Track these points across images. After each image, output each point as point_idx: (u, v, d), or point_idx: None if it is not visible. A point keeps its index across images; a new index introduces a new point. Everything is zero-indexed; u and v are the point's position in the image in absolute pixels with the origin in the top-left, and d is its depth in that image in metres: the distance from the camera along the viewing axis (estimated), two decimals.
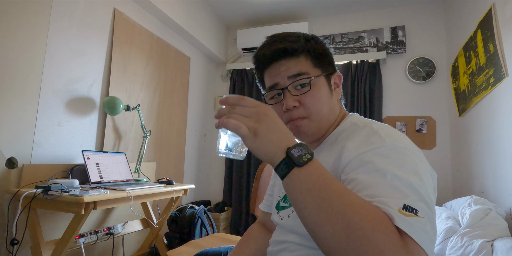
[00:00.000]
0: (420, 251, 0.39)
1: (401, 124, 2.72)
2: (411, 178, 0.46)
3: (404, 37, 2.78)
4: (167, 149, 2.51)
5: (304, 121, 0.65)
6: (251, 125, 0.45)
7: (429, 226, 0.42)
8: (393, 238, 0.38)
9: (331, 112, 0.67)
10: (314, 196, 0.42)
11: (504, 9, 1.65)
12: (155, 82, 2.39)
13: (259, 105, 0.47)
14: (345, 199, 0.41)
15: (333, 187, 0.42)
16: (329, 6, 2.91)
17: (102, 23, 1.90)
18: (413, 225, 0.40)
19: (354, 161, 0.52)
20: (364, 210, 0.40)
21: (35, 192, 1.24)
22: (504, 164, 1.67)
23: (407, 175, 0.46)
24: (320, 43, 0.69)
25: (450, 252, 1.31)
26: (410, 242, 0.39)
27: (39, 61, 1.51)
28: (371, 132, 0.56)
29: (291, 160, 0.43)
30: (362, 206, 0.40)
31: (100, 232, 1.68)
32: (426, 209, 0.43)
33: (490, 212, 1.44)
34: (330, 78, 0.68)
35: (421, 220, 0.41)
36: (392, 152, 0.50)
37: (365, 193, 0.45)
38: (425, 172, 0.50)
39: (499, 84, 1.69)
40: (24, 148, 1.45)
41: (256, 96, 3.10)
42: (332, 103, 0.67)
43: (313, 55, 0.66)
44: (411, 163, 0.49)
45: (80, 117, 1.75)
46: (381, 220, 0.39)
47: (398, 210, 0.41)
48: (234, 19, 3.22)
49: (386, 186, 0.45)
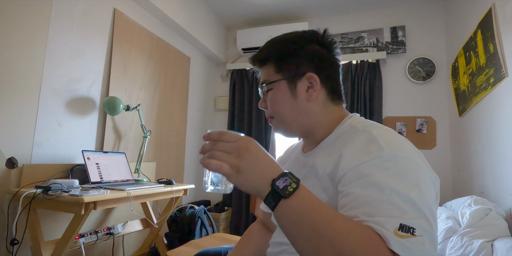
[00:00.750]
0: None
1: (401, 124, 2.72)
2: (410, 192, 0.45)
3: (404, 37, 2.78)
4: (167, 149, 2.51)
5: (273, 121, 0.69)
6: (233, 162, 0.45)
7: (427, 243, 0.41)
8: None
9: (299, 115, 0.65)
10: (303, 228, 0.42)
11: (504, 9, 1.65)
12: (155, 82, 2.39)
13: (239, 139, 0.47)
14: (335, 227, 0.41)
15: (321, 215, 0.42)
16: (329, 6, 2.91)
17: (102, 23, 1.90)
18: (409, 247, 0.39)
19: (351, 172, 0.51)
20: (355, 237, 0.40)
21: (35, 192, 1.24)
22: (504, 164, 1.67)
23: (406, 189, 0.45)
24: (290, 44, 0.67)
25: (450, 252, 1.31)
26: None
27: (39, 61, 1.51)
28: (370, 139, 0.54)
29: (277, 192, 0.43)
30: (352, 233, 0.40)
31: (100, 232, 1.68)
32: (425, 225, 0.42)
33: (490, 212, 1.44)
34: (297, 81, 0.65)
35: (418, 240, 0.41)
36: (391, 163, 0.49)
37: (361, 210, 0.44)
38: (426, 181, 0.49)
39: (499, 84, 1.69)
40: (24, 148, 1.45)
41: (256, 96, 3.10)
42: (298, 106, 0.65)
43: (276, 61, 0.67)
44: (411, 174, 0.48)
45: (80, 117, 1.75)
46: (372, 246, 0.39)
47: (394, 232, 0.40)
48: (234, 19, 3.22)
49: (383, 202, 0.44)
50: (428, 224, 0.43)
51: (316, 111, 0.66)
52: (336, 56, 0.69)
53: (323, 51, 0.67)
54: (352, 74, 2.84)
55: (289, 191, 0.43)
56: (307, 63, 0.65)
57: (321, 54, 0.66)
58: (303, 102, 0.65)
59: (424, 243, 0.41)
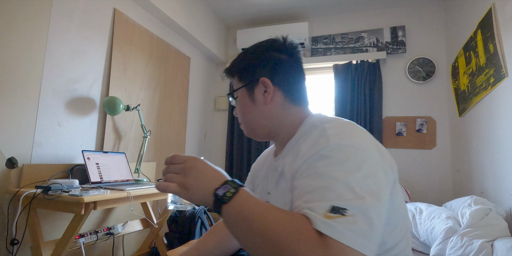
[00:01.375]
0: (345, 249, 0.41)
1: (401, 124, 2.72)
2: (349, 176, 0.47)
3: (404, 37, 2.78)
4: (167, 149, 2.51)
5: (242, 126, 0.75)
6: (180, 181, 0.51)
7: (361, 222, 0.43)
8: (310, 243, 0.41)
9: (260, 118, 0.70)
10: (241, 226, 0.46)
11: (504, 9, 1.65)
12: (155, 82, 2.39)
13: (186, 160, 0.53)
14: (266, 220, 0.44)
15: (255, 212, 0.45)
16: (329, 6, 2.91)
17: (102, 23, 1.90)
18: (335, 227, 0.42)
19: (303, 166, 0.54)
20: (282, 225, 0.43)
21: (35, 192, 1.24)
22: (504, 164, 1.67)
23: (345, 173, 0.47)
24: (250, 54, 0.72)
25: (450, 252, 1.31)
26: (332, 243, 0.41)
27: (39, 61, 1.51)
28: (321, 133, 0.57)
29: (218, 200, 0.47)
30: (280, 222, 0.43)
31: (100, 232, 1.68)
32: (360, 205, 0.44)
33: (490, 212, 1.44)
34: (255, 87, 0.69)
35: (349, 219, 0.43)
36: (334, 152, 0.51)
37: (303, 199, 0.48)
38: (372, 166, 0.50)
39: (499, 84, 1.69)
40: (24, 148, 1.45)
41: None
42: (258, 109, 0.69)
43: (238, 72, 0.73)
44: (353, 160, 0.50)
45: (80, 117, 1.75)
46: (297, 230, 0.42)
47: (323, 214, 0.43)
48: (234, 19, 3.22)
49: (322, 188, 0.47)
50: (364, 204, 0.45)
51: (275, 113, 0.69)
52: (297, 61, 0.72)
53: (281, 57, 0.70)
54: (352, 74, 2.83)
55: (227, 196, 0.47)
56: (262, 69, 0.69)
57: (276, 60, 0.69)
58: (262, 105, 0.69)
59: (356, 222, 0.43)
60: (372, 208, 0.45)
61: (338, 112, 2.83)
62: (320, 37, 3.06)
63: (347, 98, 2.82)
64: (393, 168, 0.57)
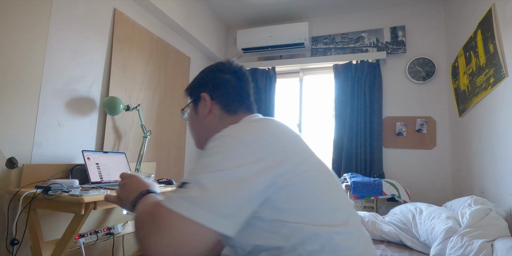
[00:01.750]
0: (169, 213, 0.48)
1: (401, 124, 2.72)
2: (205, 160, 0.55)
3: (404, 37, 2.78)
4: (167, 149, 2.51)
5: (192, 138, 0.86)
6: (118, 193, 0.71)
7: (194, 191, 0.49)
8: (147, 217, 0.51)
9: (201, 129, 0.80)
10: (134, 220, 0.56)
11: (504, 9, 1.65)
12: (155, 82, 2.39)
13: (125, 177, 0.72)
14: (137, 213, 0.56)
15: (138, 206, 0.59)
16: (329, 6, 2.91)
17: (102, 23, 1.90)
18: (170, 196, 0.50)
19: None
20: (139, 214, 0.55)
21: (35, 192, 1.24)
22: (504, 164, 1.68)
23: (206, 157, 0.55)
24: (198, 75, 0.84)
25: (450, 252, 1.31)
26: (163, 210, 0.49)
27: (39, 61, 1.51)
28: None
29: (133, 206, 0.62)
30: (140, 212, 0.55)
31: (100, 232, 1.68)
32: (204, 178, 0.51)
33: (490, 212, 1.44)
34: (198, 102, 0.81)
35: (186, 190, 0.50)
36: (209, 143, 0.59)
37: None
38: (236, 150, 0.55)
39: (499, 84, 1.69)
40: (24, 148, 1.45)
41: (256, 96, 3.10)
42: (200, 121, 0.80)
43: (188, 90, 0.85)
44: (218, 146, 0.57)
45: (80, 117, 1.75)
46: (142, 213, 0.54)
47: (170, 192, 0.53)
48: (234, 19, 3.22)
49: (187, 175, 0.55)
50: (204, 176, 0.51)
51: (214, 124, 0.79)
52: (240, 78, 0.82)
53: (225, 76, 0.80)
54: (352, 74, 2.83)
55: (136, 201, 0.61)
56: (205, 87, 0.81)
57: (219, 79, 0.80)
58: (203, 118, 0.80)
59: (189, 191, 0.49)
60: (212, 180, 0.50)
61: (338, 112, 2.83)
62: (320, 37, 3.06)
63: (347, 98, 2.82)
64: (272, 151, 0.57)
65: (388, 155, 2.73)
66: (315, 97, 3.18)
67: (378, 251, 1.56)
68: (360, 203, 2.32)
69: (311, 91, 3.20)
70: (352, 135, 2.74)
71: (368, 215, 1.89)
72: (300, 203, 0.57)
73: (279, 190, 0.55)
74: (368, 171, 2.65)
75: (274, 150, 0.57)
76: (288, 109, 3.25)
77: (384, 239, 1.73)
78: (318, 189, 0.60)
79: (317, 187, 0.60)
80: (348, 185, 2.27)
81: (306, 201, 0.58)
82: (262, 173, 0.54)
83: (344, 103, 2.83)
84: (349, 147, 2.73)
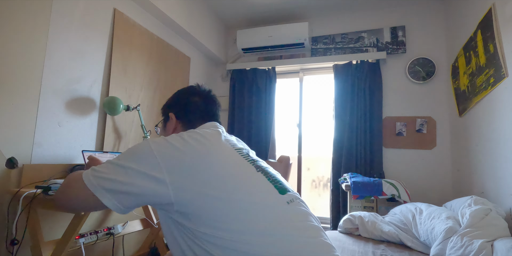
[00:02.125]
0: (79, 178, 0.67)
1: (401, 124, 2.72)
2: (114, 159, 0.70)
3: (404, 37, 2.78)
4: None
5: None
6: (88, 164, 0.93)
7: (101, 168, 0.68)
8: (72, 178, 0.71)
9: None
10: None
11: (504, 9, 1.65)
12: (155, 82, 2.39)
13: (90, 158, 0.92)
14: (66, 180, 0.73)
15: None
16: (329, 6, 2.91)
17: (102, 23, 1.90)
18: (86, 173, 0.68)
19: None
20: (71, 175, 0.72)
21: (35, 192, 1.24)
22: (504, 164, 1.68)
23: (116, 158, 0.70)
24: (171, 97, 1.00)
25: (450, 252, 1.31)
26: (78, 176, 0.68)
27: (39, 61, 1.51)
28: None
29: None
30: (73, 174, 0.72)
31: (100, 232, 1.68)
32: (110, 163, 0.68)
33: (490, 212, 1.44)
34: (167, 120, 0.97)
35: (97, 167, 0.68)
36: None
37: None
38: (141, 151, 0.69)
39: (499, 84, 1.69)
40: (24, 148, 1.45)
41: (256, 96, 3.10)
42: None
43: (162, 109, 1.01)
44: (127, 152, 0.71)
45: (80, 117, 1.75)
46: (74, 175, 0.71)
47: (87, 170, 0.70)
48: (234, 19, 3.22)
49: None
50: (113, 163, 0.68)
51: None
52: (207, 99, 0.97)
53: (193, 99, 0.95)
54: (352, 74, 2.83)
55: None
56: (174, 107, 0.97)
57: (187, 101, 0.96)
58: (169, 133, 0.94)
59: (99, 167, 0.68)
60: (113, 165, 0.68)
61: (338, 112, 2.83)
62: (320, 37, 3.06)
63: (347, 98, 2.82)
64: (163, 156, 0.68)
65: (388, 155, 2.73)
66: (315, 97, 3.18)
67: (378, 251, 1.56)
68: (360, 203, 2.32)
69: (311, 91, 3.20)
70: (352, 135, 2.74)
71: (368, 215, 1.89)
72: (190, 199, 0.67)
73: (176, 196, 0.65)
74: (368, 171, 2.65)
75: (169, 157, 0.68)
76: (288, 109, 3.25)
77: (384, 239, 1.73)
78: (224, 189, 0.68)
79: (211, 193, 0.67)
80: (348, 185, 2.27)
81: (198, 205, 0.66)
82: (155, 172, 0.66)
83: (344, 103, 2.83)
84: (349, 147, 2.73)
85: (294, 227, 0.66)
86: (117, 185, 0.65)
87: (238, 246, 0.61)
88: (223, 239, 0.62)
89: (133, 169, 0.66)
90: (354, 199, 2.24)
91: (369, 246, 1.64)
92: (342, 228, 1.93)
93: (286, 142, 3.18)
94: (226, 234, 0.62)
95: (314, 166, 3.15)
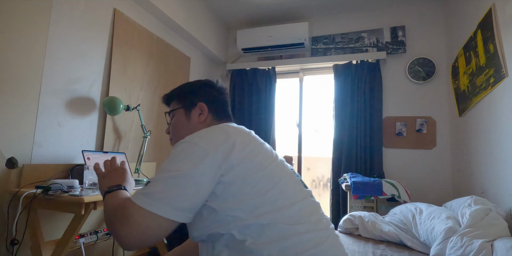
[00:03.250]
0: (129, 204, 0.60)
1: (401, 124, 2.72)
2: (166, 163, 0.65)
3: (404, 37, 2.78)
4: (167, 149, 2.51)
5: (172, 142, 0.91)
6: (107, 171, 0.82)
7: (152, 187, 0.61)
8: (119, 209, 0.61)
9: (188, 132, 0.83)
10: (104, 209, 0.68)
11: (504, 9, 1.65)
12: (155, 82, 2.39)
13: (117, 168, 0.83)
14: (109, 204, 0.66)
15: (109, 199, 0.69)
16: (329, 6, 2.91)
17: (102, 23, 1.90)
18: (136, 193, 0.62)
19: None
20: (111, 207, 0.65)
21: (35, 192, 1.24)
22: (504, 164, 1.68)
23: (166, 162, 0.66)
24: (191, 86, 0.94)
25: (450, 252, 1.31)
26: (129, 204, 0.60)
27: (39, 61, 1.51)
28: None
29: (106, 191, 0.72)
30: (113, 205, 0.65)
31: (100, 232, 1.68)
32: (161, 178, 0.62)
33: (490, 212, 1.44)
34: (191, 109, 0.89)
35: (147, 187, 0.62)
36: (173, 149, 0.69)
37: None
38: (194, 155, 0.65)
39: (499, 84, 1.69)
40: (24, 148, 1.45)
41: (256, 96, 3.10)
42: (191, 127, 0.87)
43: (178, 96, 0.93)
44: (177, 152, 0.67)
45: (80, 117, 1.75)
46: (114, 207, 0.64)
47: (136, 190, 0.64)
48: (234, 19, 3.22)
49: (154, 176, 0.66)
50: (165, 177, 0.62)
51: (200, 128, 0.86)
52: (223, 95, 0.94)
53: (213, 91, 0.92)
54: (352, 74, 2.83)
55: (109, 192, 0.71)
56: (201, 97, 0.90)
57: (210, 93, 0.92)
58: (195, 124, 0.88)
59: (149, 188, 0.61)
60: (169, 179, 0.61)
61: (338, 112, 2.83)
62: (320, 37, 3.06)
63: (347, 98, 2.82)
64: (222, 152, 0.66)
65: (388, 155, 2.73)
66: (315, 97, 3.18)
67: (378, 251, 1.56)
68: (360, 203, 2.32)
69: (311, 91, 3.20)
70: (352, 135, 2.74)
71: (368, 215, 1.89)
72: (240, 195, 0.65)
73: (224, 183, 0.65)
74: (368, 171, 2.65)
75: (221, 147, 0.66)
76: (288, 109, 3.25)
77: (384, 239, 1.73)
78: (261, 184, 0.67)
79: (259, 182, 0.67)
80: (348, 185, 2.27)
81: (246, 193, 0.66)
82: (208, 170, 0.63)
83: (344, 103, 2.83)
84: (349, 147, 2.73)
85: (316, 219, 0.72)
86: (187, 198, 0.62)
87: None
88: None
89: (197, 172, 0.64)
90: (354, 199, 2.24)
91: (369, 246, 1.64)
92: (342, 228, 1.93)
93: (286, 142, 3.18)
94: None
95: (314, 166, 3.15)
